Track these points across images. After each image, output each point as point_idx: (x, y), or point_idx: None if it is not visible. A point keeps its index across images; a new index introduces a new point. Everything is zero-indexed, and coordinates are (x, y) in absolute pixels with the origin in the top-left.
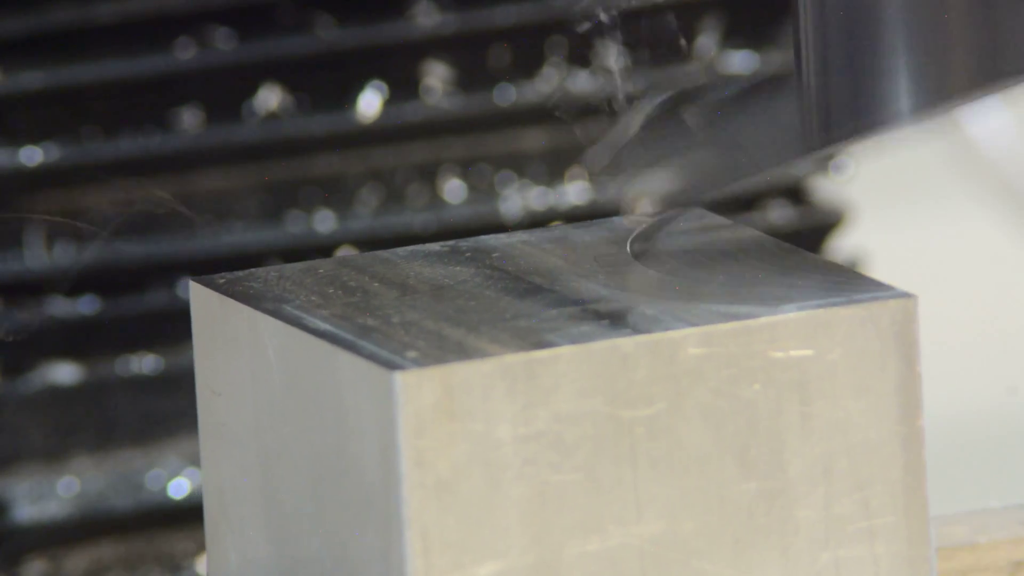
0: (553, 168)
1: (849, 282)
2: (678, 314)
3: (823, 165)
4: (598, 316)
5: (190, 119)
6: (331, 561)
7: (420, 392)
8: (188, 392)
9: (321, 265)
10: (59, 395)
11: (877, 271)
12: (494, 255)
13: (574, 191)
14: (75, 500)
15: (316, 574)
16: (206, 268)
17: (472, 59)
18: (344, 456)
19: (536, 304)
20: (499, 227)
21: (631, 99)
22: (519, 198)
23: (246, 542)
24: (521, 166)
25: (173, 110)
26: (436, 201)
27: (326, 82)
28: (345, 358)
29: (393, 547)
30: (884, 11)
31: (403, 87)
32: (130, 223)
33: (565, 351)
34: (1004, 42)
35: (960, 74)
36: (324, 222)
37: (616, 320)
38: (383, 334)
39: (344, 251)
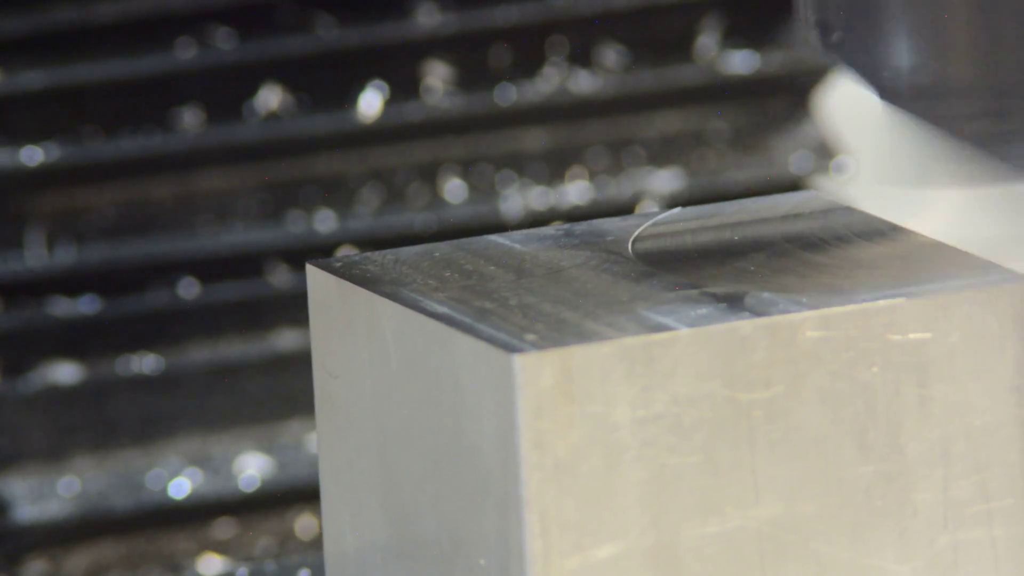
0: (553, 168)
1: (967, 265)
2: (796, 297)
3: (824, 164)
4: (716, 299)
5: (191, 119)
6: (448, 543)
7: (539, 375)
8: (188, 392)
9: (437, 248)
10: (59, 395)
11: None
12: (608, 238)
13: (574, 191)
14: (75, 500)
15: (433, 556)
16: (206, 268)
17: (472, 59)
18: (462, 438)
19: (653, 287)
20: (500, 227)
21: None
22: (519, 198)
23: (363, 524)
24: (521, 166)
25: (174, 110)
26: (437, 201)
27: (327, 82)
28: (464, 341)
29: (512, 529)
30: None
31: (404, 87)
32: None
33: (683, 334)
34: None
35: None
36: (324, 222)
37: (734, 303)
38: (501, 317)
39: (344, 251)
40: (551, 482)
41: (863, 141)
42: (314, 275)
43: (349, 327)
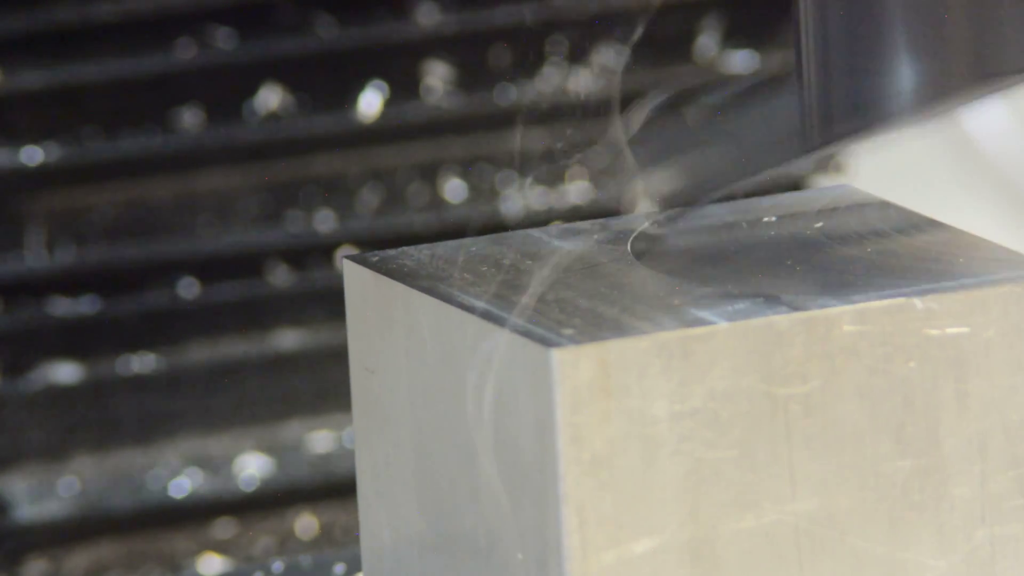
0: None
1: (1004, 259)
2: (833, 291)
3: (823, 164)
4: (753, 294)
5: (191, 119)
6: (485, 538)
7: (577, 369)
8: (188, 392)
9: (473, 243)
10: (60, 394)
11: None
12: (645, 233)
13: (574, 191)
14: (76, 499)
15: (470, 551)
16: (206, 268)
17: (472, 59)
18: (499, 433)
19: (690, 282)
20: (500, 227)
21: (631, 98)
22: (519, 198)
23: (399, 519)
24: (521, 166)
25: (174, 110)
26: (437, 201)
27: (327, 82)
28: (500, 335)
29: (549, 523)
30: (884, 9)
31: (404, 87)
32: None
33: (720, 328)
34: (1003, 40)
35: (959, 72)
36: (324, 222)
37: (771, 297)
38: (538, 312)
39: (345, 251)
40: (588, 477)
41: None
42: (351, 270)
43: (386, 322)
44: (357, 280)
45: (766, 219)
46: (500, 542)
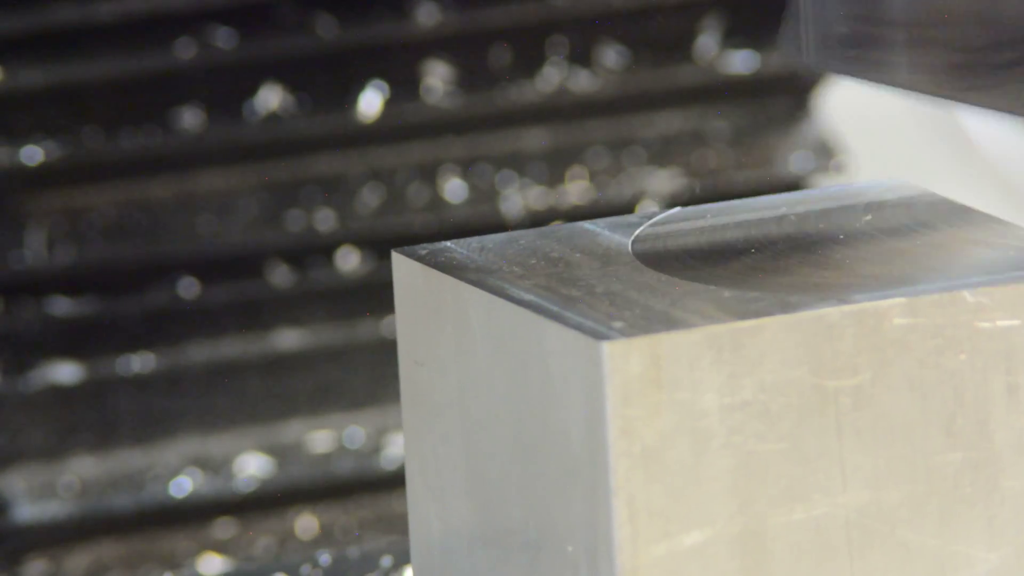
0: (553, 168)
1: None
2: (883, 284)
3: (824, 164)
4: (802, 286)
5: (191, 118)
6: (535, 530)
7: (627, 362)
8: (188, 392)
9: (521, 236)
10: (60, 394)
11: None
12: (694, 225)
13: (575, 191)
14: (76, 499)
15: (520, 542)
16: (206, 268)
17: (473, 59)
18: (549, 425)
19: (740, 274)
20: (500, 227)
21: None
22: (519, 198)
23: (449, 511)
24: (521, 166)
25: (174, 109)
26: (437, 201)
27: (327, 82)
28: (551, 328)
29: (600, 516)
30: None
31: (404, 87)
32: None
33: (771, 321)
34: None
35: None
36: (324, 222)
37: (821, 290)
38: (588, 304)
39: (345, 251)
40: (639, 469)
41: (863, 141)
42: (400, 263)
43: (435, 315)
44: (406, 273)
45: (815, 211)
46: (550, 534)
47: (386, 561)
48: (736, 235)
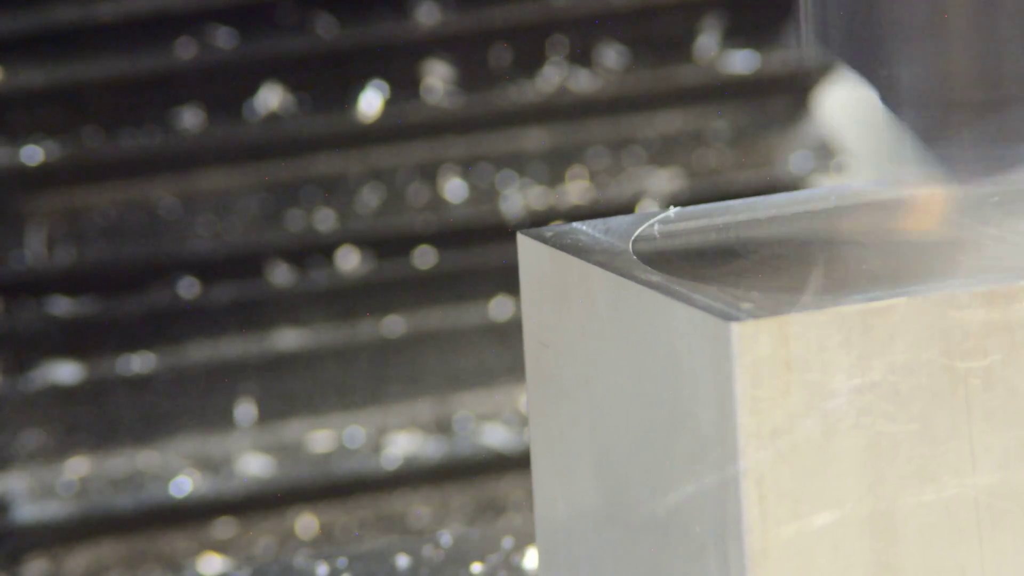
0: (554, 168)
1: None
2: (1013, 266)
3: (824, 164)
4: (930, 268)
5: (191, 118)
6: (663, 510)
7: (757, 342)
8: (188, 391)
9: (646, 218)
10: (60, 394)
11: None
12: (820, 208)
13: (574, 191)
14: (76, 499)
15: (646, 523)
16: (206, 268)
17: (473, 59)
18: (677, 406)
19: (868, 256)
20: (500, 227)
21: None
22: (519, 198)
23: (574, 491)
24: (522, 166)
25: (174, 109)
26: (437, 201)
27: (327, 81)
28: (680, 309)
29: (729, 496)
30: None
31: (404, 87)
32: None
33: (900, 302)
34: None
35: None
36: (324, 222)
37: (951, 272)
38: (716, 285)
39: (345, 251)
40: (768, 450)
41: (863, 141)
42: (525, 245)
43: (561, 296)
44: (532, 256)
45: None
46: (678, 515)
47: (507, 543)
48: (859, 224)
